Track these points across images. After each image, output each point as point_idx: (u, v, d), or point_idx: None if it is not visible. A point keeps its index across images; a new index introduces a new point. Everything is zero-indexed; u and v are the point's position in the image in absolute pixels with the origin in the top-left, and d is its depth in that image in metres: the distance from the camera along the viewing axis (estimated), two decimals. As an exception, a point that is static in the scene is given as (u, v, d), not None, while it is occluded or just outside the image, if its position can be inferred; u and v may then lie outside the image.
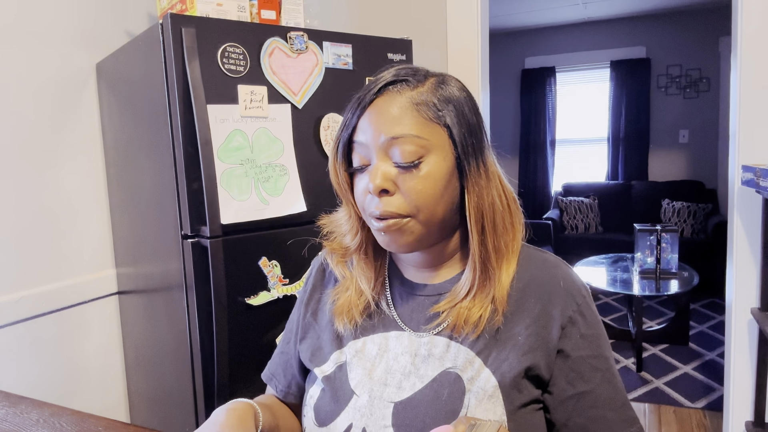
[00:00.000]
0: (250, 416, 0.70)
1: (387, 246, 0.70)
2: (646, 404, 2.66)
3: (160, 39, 1.29)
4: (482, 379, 0.66)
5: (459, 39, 2.03)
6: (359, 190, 0.71)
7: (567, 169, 5.44)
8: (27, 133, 1.59)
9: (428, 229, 0.68)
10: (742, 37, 1.66)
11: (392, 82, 0.68)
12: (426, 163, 0.66)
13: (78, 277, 1.73)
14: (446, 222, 0.70)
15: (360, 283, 0.77)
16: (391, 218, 0.67)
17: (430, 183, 0.66)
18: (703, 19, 4.67)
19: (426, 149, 0.66)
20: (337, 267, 0.81)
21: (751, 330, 1.75)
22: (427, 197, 0.66)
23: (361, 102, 0.69)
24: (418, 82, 0.69)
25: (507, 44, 5.39)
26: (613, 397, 0.69)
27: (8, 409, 1.02)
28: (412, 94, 0.67)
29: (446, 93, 0.69)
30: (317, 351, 0.79)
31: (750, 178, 1.58)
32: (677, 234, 3.20)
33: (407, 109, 0.66)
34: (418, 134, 0.66)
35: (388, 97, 0.68)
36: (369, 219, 0.70)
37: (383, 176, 0.66)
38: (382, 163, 0.67)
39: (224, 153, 1.33)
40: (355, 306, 0.76)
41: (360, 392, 0.71)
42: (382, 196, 0.67)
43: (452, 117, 0.68)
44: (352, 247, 0.78)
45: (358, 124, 0.69)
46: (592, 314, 0.71)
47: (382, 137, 0.66)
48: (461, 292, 0.71)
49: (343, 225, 0.78)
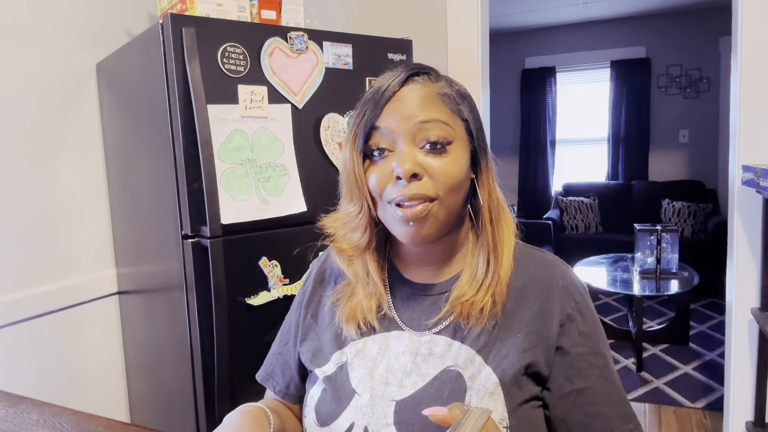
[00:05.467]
0: (264, 417, 0.72)
1: (409, 237, 0.68)
2: (646, 404, 2.66)
3: (160, 39, 1.29)
4: (483, 377, 0.67)
5: (459, 39, 2.03)
6: (377, 178, 0.69)
7: (567, 169, 5.44)
8: (27, 133, 1.59)
9: (448, 217, 0.69)
10: (742, 37, 1.66)
11: (416, 73, 0.71)
12: (452, 148, 0.68)
13: (78, 277, 1.73)
14: (460, 212, 0.72)
15: (368, 285, 0.76)
16: (418, 201, 0.66)
17: (457, 168, 0.68)
18: (703, 19, 4.67)
19: (453, 137, 0.68)
20: (349, 268, 0.77)
21: (751, 330, 1.74)
22: (454, 181, 0.68)
23: (386, 90, 0.69)
24: (437, 77, 0.72)
25: (507, 44, 5.39)
26: (611, 393, 0.70)
27: (8, 409, 1.02)
28: (436, 86, 0.70)
29: (461, 90, 0.73)
30: (318, 352, 0.79)
31: (750, 178, 1.58)
32: (677, 234, 3.20)
33: (434, 97, 0.69)
34: (446, 121, 0.68)
35: (414, 86, 0.70)
36: (389, 209, 0.69)
37: (413, 160, 0.66)
38: (410, 147, 0.67)
39: (224, 153, 1.33)
40: (368, 309, 0.75)
41: (361, 391, 0.71)
42: (412, 181, 0.66)
43: (468, 112, 0.71)
44: (362, 244, 0.74)
45: (382, 112, 0.69)
46: (590, 312, 0.72)
47: (412, 121, 0.67)
48: (472, 285, 0.71)
49: (352, 221, 0.74)
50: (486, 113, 2.16)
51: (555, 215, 4.86)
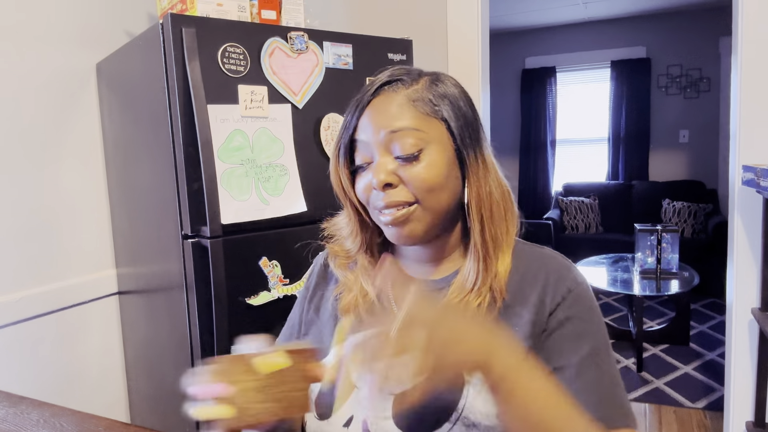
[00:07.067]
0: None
1: (396, 238, 0.73)
2: (646, 404, 2.66)
3: (160, 39, 1.29)
4: None
5: (459, 39, 2.03)
6: (362, 188, 0.73)
7: (567, 169, 5.44)
8: (27, 133, 1.59)
9: (433, 218, 0.71)
10: (742, 37, 1.66)
11: (388, 82, 0.72)
12: (426, 154, 0.69)
13: (78, 277, 1.73)
14: (450, 212, 0.73)
15: (364, 284, 0.78)
16: (397, 207, 0.69)
17: (432, 172, 0.69)
18: (703, 19, 4.67)
19: (425, 141, 0.69)
20: (338, 269, 0.83)
21: (751, 330, 1.74)
22: (430, 185, 0.69)
23: (359, 103, 0.73)
24: (413, 80, 0.72)
25: (507, 44, 5.38)
26: (599, 380, 0.67)
27: (8, 409, 1.02)
28: (407, 92, 0.71)
29: (441, 90, 0.72)
30: (319, 345, 0.80)
31: (750, 178, 1.57)
32: (678, 234, 3.19)
33: (404, 105, 0.70)
34: (416, 127, 0.69)
35: (384, 96, 0.71)
36: (376, 214, 0.73)
37: (386, 171, 0.69)
38: (384, 158, 0.70)
39: (224, 153, 1.33)
40: (362, 306, 0.77)
41: (360, 385, 0.72)
42: (386, 190, 0.69)
43: (448, 111, 0.71)
44: (353, 249, 0.80)
45: (358, 125, 0.72)
46: (584, 302, 0.71)
47: (382, 133, 0.69)
48: (467, 284, 0.72)
49: (344, 228, 0.82)
50: (486, 113, 2.16)
51: (555, 215, 4.86)
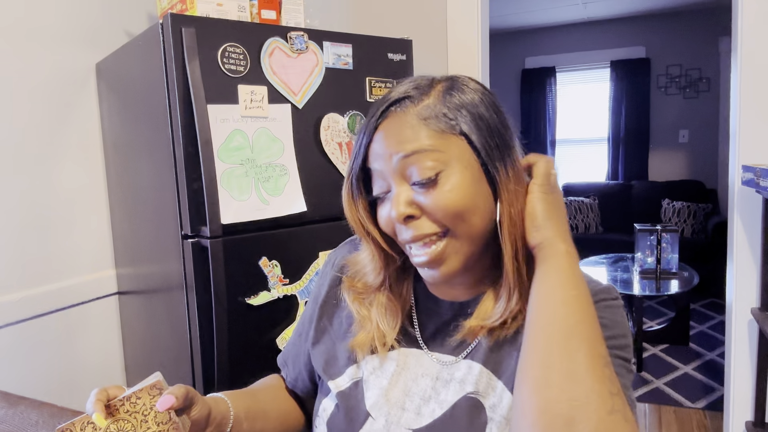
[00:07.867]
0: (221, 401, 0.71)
1: (433, 280, 0.66)
2: (646, 404, 2.66)
3: (160, 39, 1.29)
4: (504, 406, 0.64)
5: (459, 39, 2.03)
6: (384, 220, 0.66)
7: (567, 169, 5.44)
8: (27, 133, 1.59)
9: (470, 246, 0.63)
10: (742, 37, 1.66)
11: (394, 102, 0.64)
12: (445, 176, 0.61)
13: (78, 277, 1.73)
14: (488, 234, 0.64)
15: (381, 323, 0.72)
16: (424, 241, 0.62)
17: (455, 195, 0.61)
18: (703, 19, 4.67)
19: (443, 162, 0.61)
20: (353, 304, 0.75)
21: (751, 330, 1.74)
22: (455, 210, 0.61)
23: (366, 129, 0.66)
24: (422, 94, 0.64)
25: (507, 44, 5.39)
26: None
27: (7, 410, 1.02)
28: (417, 110, 0.63)
29: (456, 100, 0.63)
30: (332, 361, 0.76)
31: (750, 178, 1.57)
32: (677, 234, 3.20)
33: (415, 125, 0.62)
34: (431, 148, 0.61)
35: (393, 117, 0.64)
36: (407, 248, 0.66)
37: (404, 202, 0.62)
38: (401, 187, 0.63)
39: (224, 153, 1.33)
40: (380, 341, 0.71)
41: (376, 415, 0.68)
42: (408, 222, 0.63)
43: (468, 123, 0.62)
44: (374, 285, 0.73)
45: (369, 152, 0.66)
46: (608, 312, 0.66)
47: (395, 159, 0.62)
48: (494, 316, 0.65)
49: (367, 265, 0.73)
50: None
51: (555, 215, 4.85)
